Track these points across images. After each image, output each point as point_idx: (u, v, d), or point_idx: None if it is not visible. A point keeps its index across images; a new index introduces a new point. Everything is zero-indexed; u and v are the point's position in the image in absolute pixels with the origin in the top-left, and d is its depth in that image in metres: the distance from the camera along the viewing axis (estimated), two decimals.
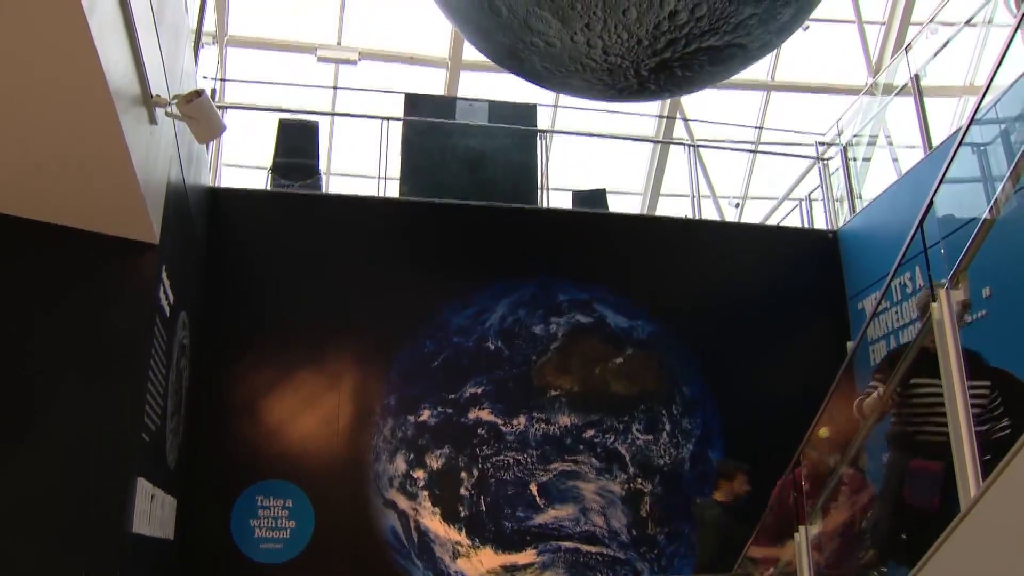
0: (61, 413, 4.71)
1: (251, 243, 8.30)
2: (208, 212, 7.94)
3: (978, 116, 5.30)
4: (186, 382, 6.90)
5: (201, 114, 4.56)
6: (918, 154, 8.55)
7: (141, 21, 3.93)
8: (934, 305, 3.58)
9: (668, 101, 12.94)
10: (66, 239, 4.85)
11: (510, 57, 5.67)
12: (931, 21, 9.55)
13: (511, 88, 9.85)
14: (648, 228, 9.95)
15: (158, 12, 4.46)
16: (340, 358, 8.03)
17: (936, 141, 8.33)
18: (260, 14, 13.63)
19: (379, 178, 9.29)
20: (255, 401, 7.75)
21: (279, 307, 8.05)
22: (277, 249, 8.27)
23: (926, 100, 8.63)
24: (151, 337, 5.21)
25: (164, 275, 5.45)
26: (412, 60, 13.80)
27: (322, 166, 9.87)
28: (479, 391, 8.10)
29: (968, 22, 8.60)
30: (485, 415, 8.05)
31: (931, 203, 3.92)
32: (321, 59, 13.43)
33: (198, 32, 7.25)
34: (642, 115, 13.78)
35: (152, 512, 5.44)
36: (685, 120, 13.75)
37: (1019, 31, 5.34)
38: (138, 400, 4.99)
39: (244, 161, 12.19)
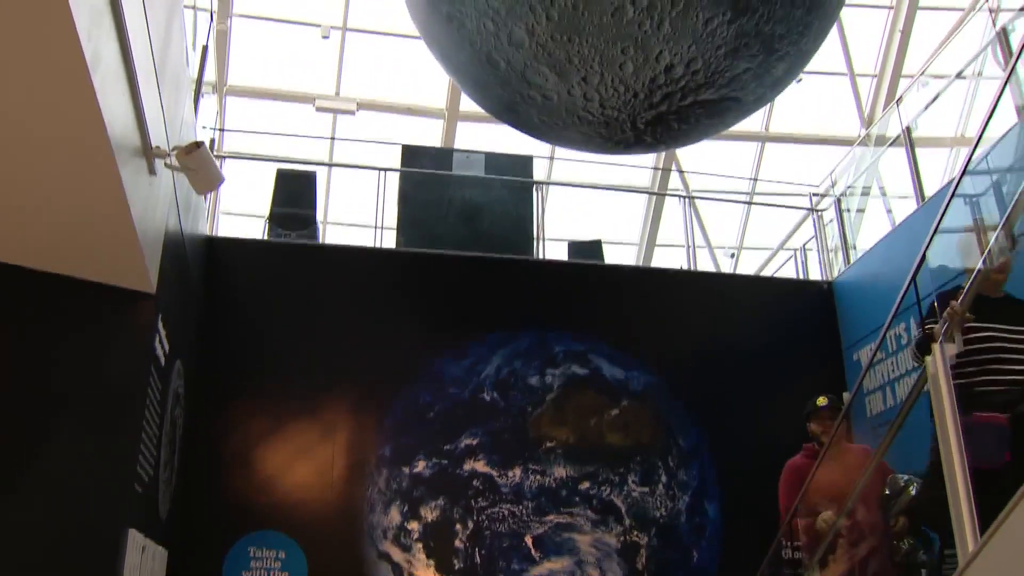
0: (54, 463, 4.67)
1: (247, 292, 8.31)
2: (205, 261, 7.96)
3: (969, 167, 5.34)
4: (180, 431, 6.85)
5: (200, 166, 4.59)
6: (911, 204, 8.62)
7: (143, 72, 3.96)
8: (929, 359, 3.59)
9: (663, 152, 13.05)
10: (63, 288, 4.84)
11: (508, 110, 5.73)
12: (922, 74, 9.68)
13: (508, 139, 9.95)
14: (644, 279, 9.97)
15: (160, 63, 4.51)
16: (335, 408, 7.99)
17: (928, 191, 8.41)
18: (259, 64, 13.79)
19: (376, 227, 9.34)
20: (249, 450, 7.70)
21: (275, 356, 8.04)
22: (273, 298, 8.27)
23: (918, 151, 8.73)
24: (146, 387, 5.19)
25: (160, 324, 5.44)
26: (410, 111, 13.94)
27: (319, 215, 9.92)
28: (474, 443, 8.06)
29: (959, 75, 8.71)
30: (480, 467, 8.00)
31: (924, 257, 3.95)
32: (319, 109, 13.58)
33: (198, 82, 7.31)
34: (638, 167, 13.90)
35: (143, 564, 5.37)
36: (680, 172, 13.87)
37: (1008, 84, 5.43)
38: (132, 451, 4.96)
39: (242, 210, 12.25)
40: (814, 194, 10.76)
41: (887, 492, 5.27)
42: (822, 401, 6.05)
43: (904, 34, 13.98)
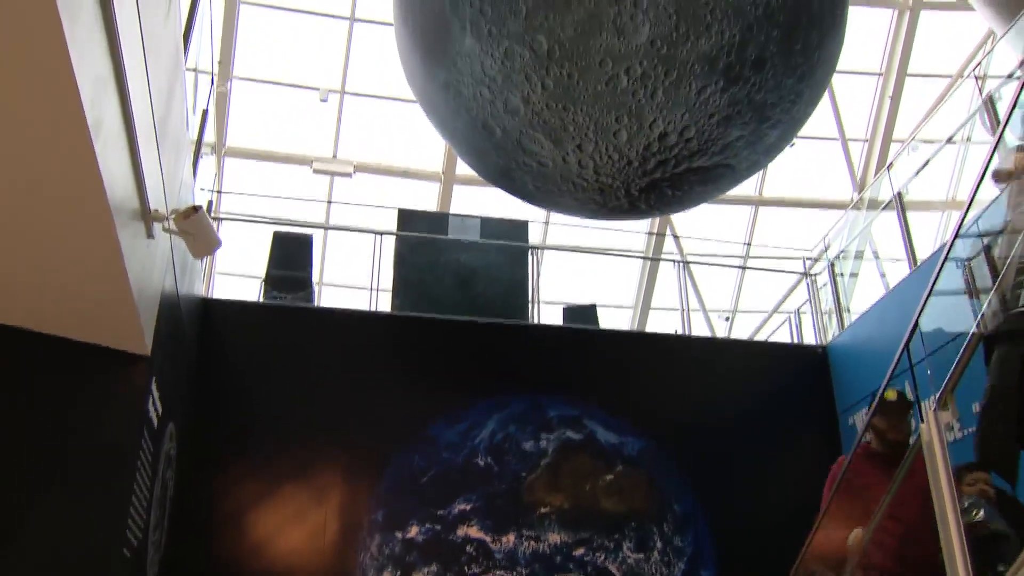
0: (42, 525, 4.62)
1: (242, 354, 8.30)
2: (200, 322, 7.96)
3: (961, 231, 5.39)
4: (171, 493, 6.79)
5: (197, 230, 4.62)
6: (905, 266, 8.67)
7: (143, 135, 4.00)
8: (923, 426, 3.59)
9: (658, 218, 13.16)
10: (56, 348, 4.84)
11: (503, 177, 5.79)
12: (912, 139, 9.81)
13: (504, 203, 10.04)
14: (638, 344, 9.99)
15: (160, 126, 4.56)
16: (328, 472, 7.94)
17: (921, 254, 8.47)
18: (258, 126, 13.94)
19: (372, 289, 9.37)
20: (241, 514, 7.62)
21: (268, 419, 8.00)
22: (268, 361, 8.26)
23: (910, 215, 8.81)
24: (138, 450, 5.15)
25: (154, 386, 5.43)
26: (406, 174, 14.07)
27: (315, 277, 9.95)
28: (468, 508, 7.99)
29: (949, 140, 8.83)
30: (474, 532, 7.92)
31: (916, 325, 3.97)
32: (317, 171, 13.69)
33: (198, 145, 7.38)
34: (633, 231, 14.00)
35: None
36: (675, 236, 13.97)
37: (996, 151, 5.50)
38: (121, 514, 4.91)
39: (237, 270, 12.29)
40: (807, 258, 10.83)
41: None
42: (891, 395, 5.72)
43: (894, 100, 14.21)
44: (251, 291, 11.72)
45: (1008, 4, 7.89)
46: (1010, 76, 7.70)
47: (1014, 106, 5.43)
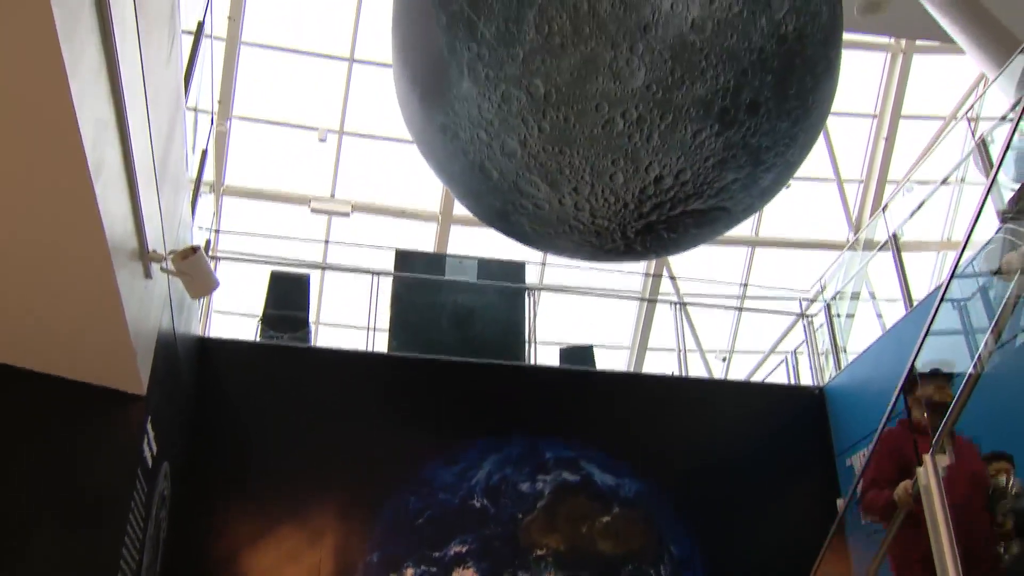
0: (34, 565, 4.59)
1: (238, 394, 8.29)
2: (197, 361, 7.95)
3: (957, 271, 5.41)
4: (164, 534, 6.74)
5: (195, 271, 4.63)
6: (901, 306, 8.69)
7: (143, 176, 4.03)
8: (920, 470, 3.59)
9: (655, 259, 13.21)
10: (52, 387, 4.83)
11: (500, 218, 5.81)
12: (906, 180, 9.87)
13: (501, 243, 10.08)
14: (635, 385, 9.99)
15: (160, 166, 4.59)
16: (323, 512, 7.89)
17: (917, 293, 8.49)
18: (256, 165, 14.01)
19: (368, 329, 9.37)
20: (235, 554, 7.56)
21: (263, 459, 7.97)
22: (263, 400, 8.24)
23: (906, 255, 8.85)
24: (132, 490, 5.13)
25: (149, 426, 5.41)
26: (404, 214, 14.13)
27: (312, 316, 9.95)
28: (464, 550, 7.93)
29: (944, 181, 8.88)
30: (470, 574, 7.86)
31: (912, 368, 3.98)
32: (315, 210, 13.74)
33: (196, 185, 7.42)
34: (629, 272, 14.04)
35: None
36: (672, 277, 14.01)
37: (989, 194, 5.54)
38: (114, 555, 4.88)
39: (235, 309, 12.29)
40: (804, 299, 10.86)
41: (992, 492, 4.98)
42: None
43: (888, 141, 14.34)
44: (248, 330, 11.72)
45: (998, 47, 7.99)
46: (1003, 118, 7.77)
47: (1007, 149, 5.48)
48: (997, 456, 5.07)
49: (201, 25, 6.21)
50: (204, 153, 8.00)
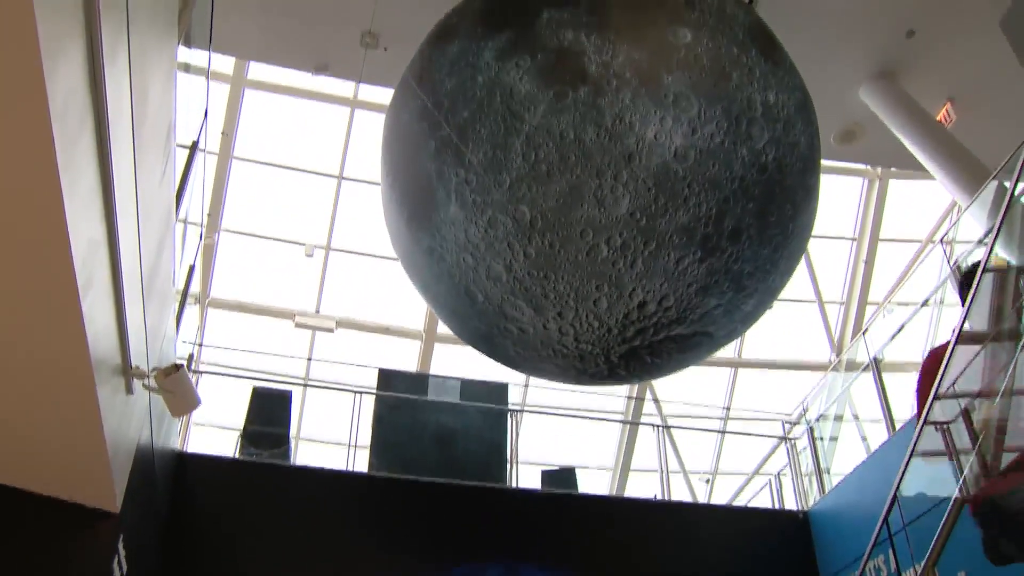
0: None
1: (215, 511, 8.13)
2: (173, 476, 7.83)
3: (938, 394, 5.43)
4: None
5: (178, 389, 4.62)
6: (884, 429, 8.69)
7: (130, 292, 4.04)
8: None
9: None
10: (22, 503, 4.73)
11: (484, 341, 5.86)
12: (886, 303, 10.00)
13: (485, 363, 10.11)
14: (617, 509, 9.86)
15: (148, 281, 4.61)
16: None
17: (901, 413, 8.49)
18: (242, 278, 14.06)
19: (349, 446, 9.28)
20: None
21: None
22: (241, 518, 8.09)
23: (887, 377, 8.89)
24: None
25: (120, 545, 5.29)
26: (388, 331, 14.15)
27: (293, 432, 9.87)
28: None
29: (924, 303, 8.99)
30: None
31: (895, 498, 3.97)
32: (299, 325, 13.74)
33: (182, 299, 7.44)
34: (612, 395, 14.03)
35: None
36: (655, 400, 14.02)
37: (966, 318, 5.60)
38: None
39: (215, 422, 12.16)
40: (787, 421, 10.85)
41: None
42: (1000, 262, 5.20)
43: (868, 264, 14.56)
44: (228, 444, 11.59)
45: (970, 176, 8.23)
46: (980, 242, 7.92)
47: (980, 279, 5.55)
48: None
49: (196, 144, 6.33)
50: (191, 269, 8.06)
